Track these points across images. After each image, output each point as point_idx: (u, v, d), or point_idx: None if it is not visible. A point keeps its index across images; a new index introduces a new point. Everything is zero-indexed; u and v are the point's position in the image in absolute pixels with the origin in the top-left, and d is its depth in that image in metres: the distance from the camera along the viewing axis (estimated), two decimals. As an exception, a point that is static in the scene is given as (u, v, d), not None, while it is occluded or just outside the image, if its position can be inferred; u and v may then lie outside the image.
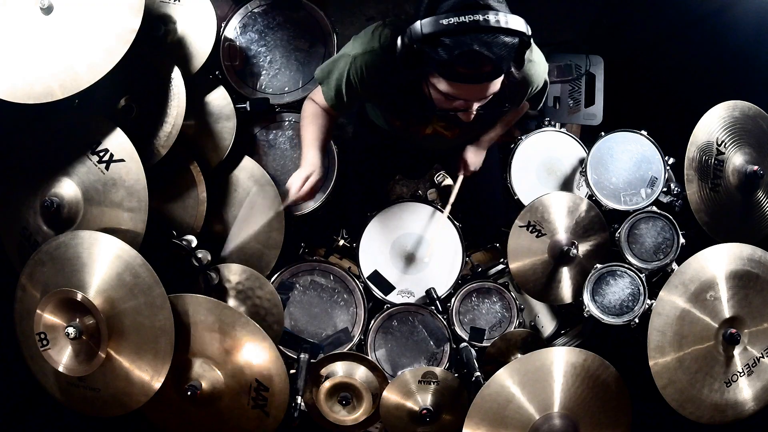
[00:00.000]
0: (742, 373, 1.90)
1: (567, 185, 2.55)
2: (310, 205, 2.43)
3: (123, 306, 1.69)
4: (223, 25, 2.41)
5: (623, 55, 2.96)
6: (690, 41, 2.68)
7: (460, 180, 2.37)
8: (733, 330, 1.85)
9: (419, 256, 2.48)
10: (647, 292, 2.23)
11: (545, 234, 2.28)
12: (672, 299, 1.86)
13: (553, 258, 2.29)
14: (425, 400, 2.16)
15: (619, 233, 2.28)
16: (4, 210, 1.97)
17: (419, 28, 1.39)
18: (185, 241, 2.02)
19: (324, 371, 2.21)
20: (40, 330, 1.69)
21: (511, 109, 2.02)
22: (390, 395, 2.15)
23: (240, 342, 1.83)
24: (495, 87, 1.50)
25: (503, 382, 1.86)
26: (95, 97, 1.83)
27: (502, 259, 2.58)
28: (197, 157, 2.16)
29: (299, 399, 1.98)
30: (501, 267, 2.57)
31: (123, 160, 1.85)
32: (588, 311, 2.25)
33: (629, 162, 2.37)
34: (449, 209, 2.40)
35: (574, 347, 2.01)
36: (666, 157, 2.36)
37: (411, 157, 2.54)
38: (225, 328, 1.82)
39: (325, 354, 2.24)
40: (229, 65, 2.42)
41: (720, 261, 1.88)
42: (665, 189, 2.36)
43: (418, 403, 2.15)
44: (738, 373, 1.89)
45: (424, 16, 1.40)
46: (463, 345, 2.38)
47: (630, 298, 2.25)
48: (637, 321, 2.22)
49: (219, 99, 2.24)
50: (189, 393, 1.78)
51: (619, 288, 2.26)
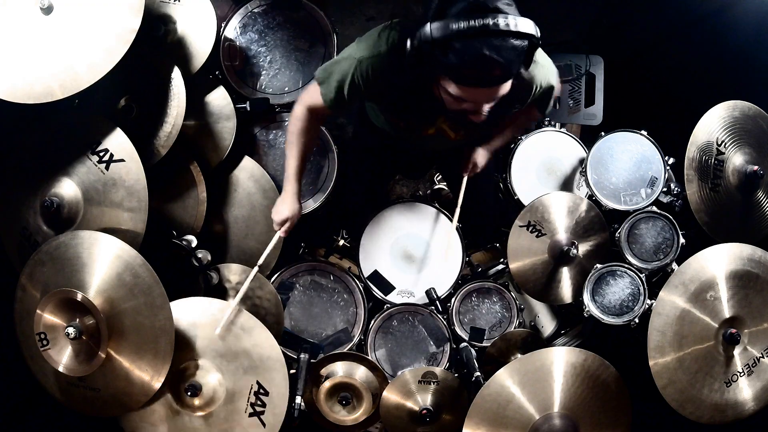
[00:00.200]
0: (742, 373, 1.90)
1: (567, 185, 2.55)
2: (310, 205, 2.43)
3: (123, 306, 1.69)
4: (223, 25, 2.41)
5: (623, 55, 2.96)
6: (690, 41, 2.68)
7: (464, 183, 2.33)
8: (733, 330, 1.85)
9: (419, 256, 2.48)
10: (647, 292, 2.23)
11: (545, 234, 2.28)
12: (672, 299, 1.86)
13: (553, 258, 2.29)
14: (425, 400, 2.16)
15: (619, 233, 2.28)
16: (4, 210, 1.97)
17: (429, 31, 1.37)
18: (185, 241, 2.02)
19: (324, 371, 2.21)
20: (40, 330, 1.69)
21: (521, 114, 2.01)
22: (390, 395, 2.15)
23: (242, 343, 1.83)
24: (505, 89, 1.48)
25: (503, 382, 1.86)
26: (95, 97, 1.83)
27: (502, 259, 2.58)
28: (197, 157, 2.16)
29: (299, 399, 1.98)
30: (501, 267, 2.57)
31: (123, 160, 1.85)
32: (588, 311, 2.25)
33: (629, 162, 2.37)
34: (458, 215, 2.34)
35: (574, 347, 2.01)
36: (666, 157, 2.36)
37: (411, 157, 2.54)
38: (227, 328, 1.82)
39: (325, 354, 2.24)
40: (229, 65, 2.41)
41: (720, 261, 1.88)
42: (665, 189, 2.36)
43: (418, 403, 2.15)
44: (738, 373, 1.89)
45: (433, 19, 1.38)
46: (463, 345, 2.38)
47: (630, 298, 2.25)
48: (637, 321, 2.22)
49: (219, 99, 2.24)
50: (189, 393, 1.78)
51: (619, 288, 2.26)
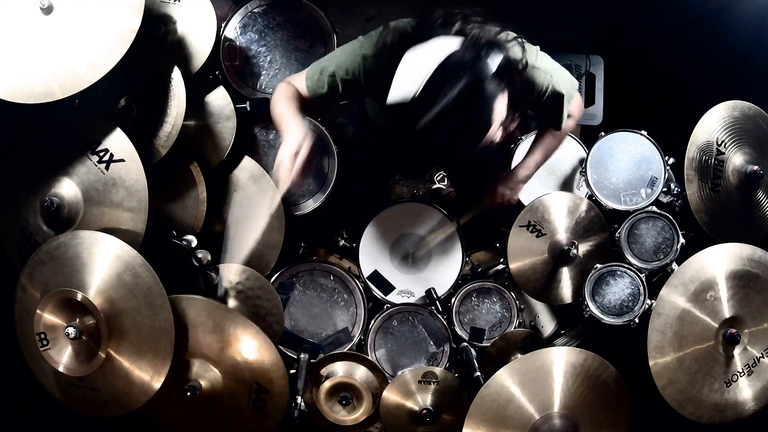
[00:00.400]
0: (742, 373, 1.90)
1: (567, 185, 2.55)
2: (310, 205, 2.43)
3: (123, 306, 1.69)
4: (223, 25, 2.41)
5: (623, 55, 2.96)
6: (690, 41, 2.68)
7: (478, 208, 2.37)
8: (733, 330, 1.84)
9: (419, 256, 2.48)
10: (647, 292, 2.23)
11: (545, 234, 2.28)
12: (672, 299, 1.86)
13: (553, 258, 2.29)
14: (425, 400, 2.15)
15: (619, 233, 2.28)
16: (4, 210, 1.97)
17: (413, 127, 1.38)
18: (185, 241, 2.02)
19: (324, 371, 2.21)
20: (40, 330, 1.69)
21: (540, 136, 2.10)
22: (390, 395, 2.15)
23: (240, 343, 1.82)
24: (502, 110, 1.47)
25: (503, 382, 1.86)
26: (95, 97, 1.83)
27: (502, 259, 2.58)
28: (197, 157, 2.16)
29: (299, 399, 1.98)
30: (501, 267, 2.57)
31: (123, 160, 1.85)
32: (588, 311, 2.25)
33: (629, 162, 2.37)
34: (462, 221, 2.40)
35: (574, 347, 2.01)
36: (666, 157, 2.36)
37: (411, 157, 2.54)
38: (226, 329, 1.82)
39: (325, 354, 2.24)
40: (229, 65, 2.41)
41: (720, 261, 1.88)
42: (665, 189, 2.36)
43: (418, 403, 2.15)
44: (738, 373, 1.89)
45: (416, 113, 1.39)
46: (463, 345, 2.38)
47: (630, 298, 2.25)
48: (637, 321, 2.23)
49: (219, 99, 2.24)
50: (189, 393, 1.78)
51: (619, 288, 2.26)
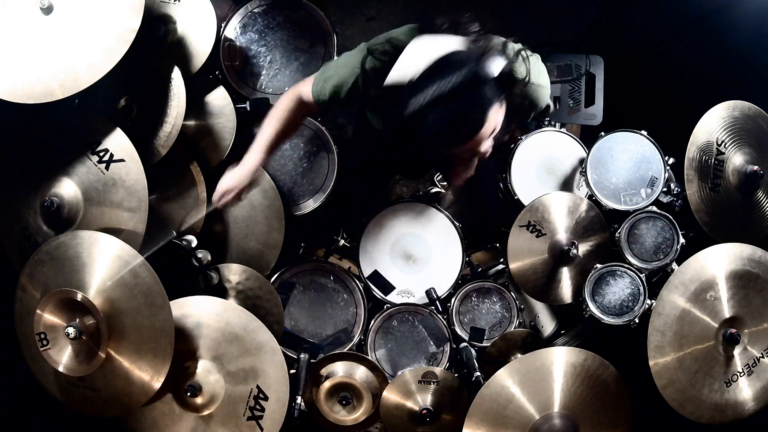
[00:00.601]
0: (742, 373, 1.90)
1: (567, 185, 2.54)
2: (310, 205, 2.43)
3: (123, 306, 1.69)
4: (223, 25, 2.41)
5: (623, 55, 2.96)
6: (690, 41, 2.68)
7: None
8: (733, 330, 1.85)
9: (419, 256, 2.48)
10: (647, 292, 2.23)
11: (545, 234, 2.28)
12: (672, 299, 1.86)
13: (553, 258, 2.29)
14: (425, 400, 2.15)
15: (619, 233, 2.28)
16: (4, 210, 1.97)
17: (399, 115, 1.35)
18: (185, 241, 2.02)
19: (324, 371, 2.21)
20: (40, 330, 1.69)
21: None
22: (390, 395, 2.15)
23: (242, 343, 1.82)
24: (496, 120, 1.43)
25: (503, 382, 1.86)
26: (95, 97, 1.83)
27: (502, 259, 2.58)
28: (197, 157, 2.16)
29: (299, 399, 1.98)
30: (501, 267, 2.57)
31: (123, 160, 1.85)
32: (588, 311, 2.25)
33: (629, 162, 2.37)
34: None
35: (574, 347, 2.01)
36: (666, 157, 2.36)
37: (411, 157, 2.53)
38: (229, 329, 1.82)
39: (325, 354, 2.24)
40: (229, 65, 2.41)
41: (720, 261, 1.88)
42: (665, 189, 2.35)
43: (418, 403, 2.15)
44: (738, 373, 1.89)
45: (402, 101, 1.36)
46: (463, 345, 2.38)
47: (630, 298, 2.25)
48: (637, 321, 2.22)
49: (219, 99, 2.24)
50: (189, 394, 1.78)
51: (619, 288, 2.26)
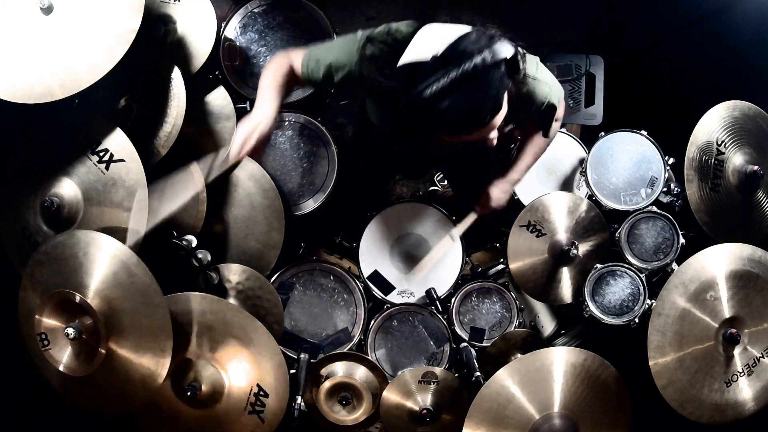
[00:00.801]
0: (742, 373, 1.90)
1: (567, 185, 2.55)
2: (310, 205, 2.43)
3: (121, 306, 1.68)
4: (223, 25, 2.41)
5: (623, 55, 2.96)
6: (690, 41, 2.68)
7: (473, 216, 2.26)
8: (733, 330, 1.85)
9: (419, 256, 2.48)
10: (647, 292, 2.23)
11: (545, 234, 2.28)
12: (672, 299, 1.86)
13: (553, 258, 2.29)
14: (425, 400, 2.15)
15: (619, 233, 2.28)
16: (4, 210, 1.97)
17: (411, 100, 1.33)
18: (185, 241, 2.01)
19: (324, 371, 2.21)
20: (40, 330, 1.69)
21: (526, 139, 2.04)
22: (390, 395, 2.15)
23: (244, 344, 1.82)
24: (503, 113, 1.44)
25: (503, 382, 1.86)
26: (95, 97, 1.83)
27: (502, 259, 2.58)
28: (197, 157, 2.16)
29: (299, 399, 1.98)
30: (501, 267, 2.57)
31: (123, 160, 1.85)
32: (588, 311, 2.25)
33: (629, 162, 2.37)
34: (460, 232, 2.31)
35: (574, 347, 2.01)
36: (666, 157, 2.36)
37: (411, 157, 2.53)
38: (229, 329, 1.82)
39: (325, 354, 2.24)
40: (229, 65, 2.41)
41: (720, 261, 1.88)
42: (665, 189, 2.36)
43: (418, 403, 2.15)
44: (738, 373, 1.89)
45: (410, 87, 1.33)
46: (463, 345, 2.38)
47: (630, 298, 2.25)
48: (637, 321, 2.22)
49: (219, 99, 2.24)
50: (189, 393, 1.78)
51: (619, 288, 2.26)
